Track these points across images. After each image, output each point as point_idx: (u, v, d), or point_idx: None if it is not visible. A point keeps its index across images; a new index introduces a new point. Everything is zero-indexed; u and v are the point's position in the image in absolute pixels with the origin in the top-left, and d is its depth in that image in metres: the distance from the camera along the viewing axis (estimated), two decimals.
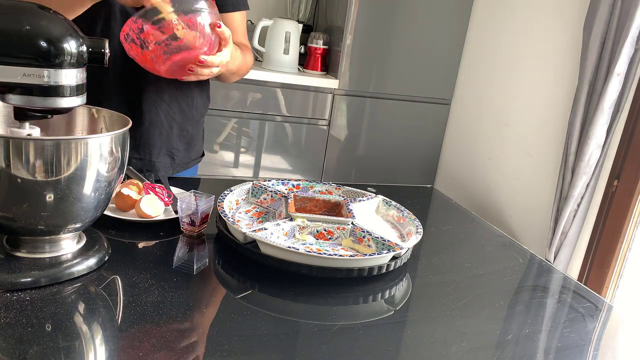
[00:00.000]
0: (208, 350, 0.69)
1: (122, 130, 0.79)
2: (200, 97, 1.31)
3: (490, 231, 1.25)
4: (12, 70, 0.70)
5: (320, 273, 0.87)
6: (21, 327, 0.66)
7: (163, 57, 0.98)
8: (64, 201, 0.74)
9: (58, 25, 0.72)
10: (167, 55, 0.98)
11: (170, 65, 1.00)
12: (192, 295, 0.81)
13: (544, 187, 2.25)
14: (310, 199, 1.09)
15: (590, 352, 0.82)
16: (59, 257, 0.80)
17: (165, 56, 0.98)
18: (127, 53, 1.01)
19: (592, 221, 2.05)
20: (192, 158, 1.36)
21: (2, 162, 0.69)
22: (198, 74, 1.02)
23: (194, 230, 0.98)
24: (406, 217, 1.08)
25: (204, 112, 1.35)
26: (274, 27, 2.59)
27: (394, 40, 2.62)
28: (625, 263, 1.98)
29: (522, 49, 2.40)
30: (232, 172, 2.65)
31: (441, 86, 2.78)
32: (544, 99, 2.27)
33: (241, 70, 1.25)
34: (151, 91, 1.21)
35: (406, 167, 2.86)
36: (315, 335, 0.76)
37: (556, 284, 1.04)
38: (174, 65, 1.00)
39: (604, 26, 1.90)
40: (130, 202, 0.99)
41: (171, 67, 1.01)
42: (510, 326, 0.85)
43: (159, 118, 1.24)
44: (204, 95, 1.33)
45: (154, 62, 1.00)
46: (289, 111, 2.60)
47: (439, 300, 0.89)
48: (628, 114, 1.93)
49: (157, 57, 0.98)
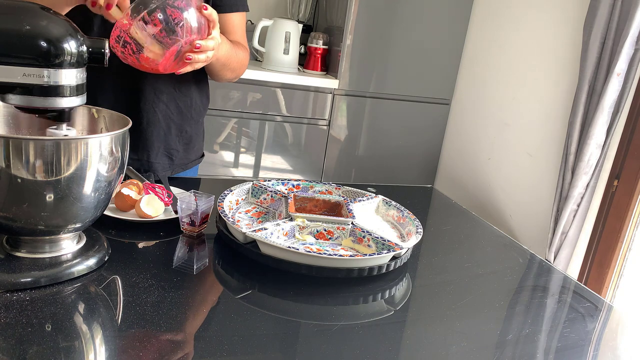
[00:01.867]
0: (208, 350, 0.69)
1: (122, 130, 0.79)
2: (199, 97, 1.31)
3: (490, 231, 1.25)
4: (12, 70, 0.70)
5: (320, 273, 0.87)
6: (21, 327, 0.66)
7: (160, 51, 0.95)
8: (64, 201, 0.74)
9: (58, 25, 0.72)
10: (164, 48, 0.95)
11: (168, 57, 0.97)
12: (192, 295, 0.81)
13: (544, 187, 2.25)
14: (310, 199, 1.09)
15: (590, 352, 0.82)
16: (59, 257, 0.80)
17: (162, 50, 0.95)
18: (122, 58, 0.97)
19: (592, 221, 2.05)
20: (192, 159, 1.36)
21: (2, 162, 0.69)
22: (194, 61, 1.00)
23: (194, 230, 0.98)
24: (406, 217, 1.08)
25: (203, 112, 1.35)
26: (274, 27, 2.59)
27: (394, 40, 2.62)
28: (625, 263, 1.98)
29: (522, 49, 2.40)
30: (232, 172, 2.65)
31: (441, 86, 2.78)
32: (544, 99, 2.27)
33: (232, 63, 1.21)
34: (149, 91, 1.21)
35: (406, 167, 2.86)
36: (315, 335, 0.76)
37: (556, 284, 1.04)
38: (171, 57, 0.98)
39: (604, 26, 1.90)
40: (130, 202, 0.99)
41: (169, 59, 0.98)
42: (510, 326, 0.85)
43: (157, 118, 1.24)
44: (203, 95, 1.33)
45: (151, 59, 0.96)
46: (289, 111, 2.60)
47: (439, 300, 0.89)
48: (628, 114, 1.93)
49: (153, 52, 0.95)
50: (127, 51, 0.95)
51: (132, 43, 0.94)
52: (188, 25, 0.95)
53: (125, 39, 0.93)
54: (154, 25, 0.92)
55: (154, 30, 0.93)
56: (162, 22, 0.93)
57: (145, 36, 0.93)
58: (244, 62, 1.28)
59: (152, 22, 0.92)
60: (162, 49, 0.95)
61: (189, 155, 1.34)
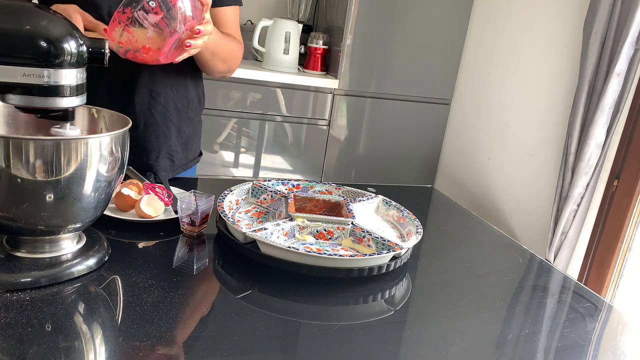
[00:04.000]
0: (208, 350, 0.69)
1: (122, 130, 0.79)
2: (195, 95, 1.30)
3: (490, 231, 1.25)
4: (12, 70, 0.70)
5: (320, 273, 0.87)
6: (21, 327, 0.66)
7: (161, 40, 0.92)
8: (64, 201, 0.74)
9: (58, 25, 0.72)
10: (166, 37, 0.92)
11: (169, 45, 0.94)
12: (192, 295, 0.81)
13: (544, 187, 2.25)
14: (310, 199, 1.09)
15: (590, 352, 0.82)
16: (59, 257, 0.80)
17: (164, 38, 0.92)
18: (121, 54, 0.95)
19: (592, 221, 2.05)
20: (190, 159, 1.36)
21: (2, 162, 0.69)
22: (193, 47, 0.97)
23: (194, 230, 0.98)
24: (406, 217, 1.08)
25: (199, 111, 1.34)
26: (274, 27, 2.59)
27: (394, 40, 2.62)
28: (625, 263, 1.98)
29: (522, 49, 2.40)
30: (232, 172, 2.65)
31: (441, 86, 2.78)
32: (544, 99, 2.27)
33: (221, 52, 1.18)
34: (144, 94, 1.20)
35: (406, 167, 2.86)
36: (315, 335, 0.76)
37: (556, 284, 1.04)
38: (173, 45, 0.95)
39: (604, 26, 1.90)
40: (130, 202, 0.99)
41: (170, 48, 0.95)
42: (510, 326, 0.85)
43: (155, 120, 1.23)
44: (199, 93, 1.32)
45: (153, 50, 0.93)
46: (289, 111, 2.60)
47: (439, 300, 0.89)
48: (628, 114, 1.93)
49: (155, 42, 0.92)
50: (128, 44, 0.92)
51: (132, 34, 0.91)
52: (187, 10, 0.92)
53: (126, 30, 0.91)
54: (155, 13, 0.89)
55: (156, 19, 0.90)
56: (163, 10, 0.89)
57: (148, 26, 0.90)
58: (237, 53, 1.25)
59: (153, 11, 0.89)
60: (163, 38, 0.93)
61: (188, 155, 1.34)
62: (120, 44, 0.93)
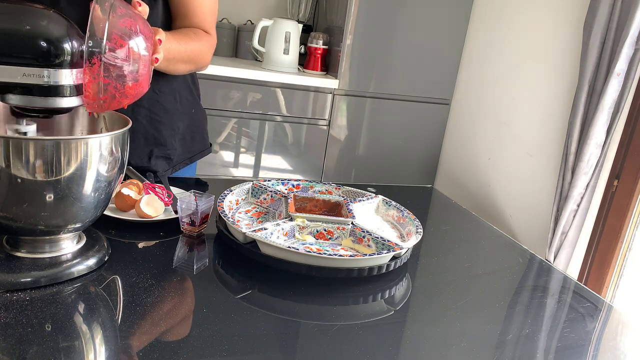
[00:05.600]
0: (208, 350, 0.69)
1: (122, 130, 0.79)
2: (184, 87, 1.25)
3: (490, 231, 1.25)
4: (12, 70, 0.70)
5: (320, 273, 0.87)
6: (21, 327, 0.66)
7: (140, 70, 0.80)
8: (64, 201, 0.74)
9: (58, 25, 0.72)
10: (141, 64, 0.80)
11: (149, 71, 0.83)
12: (192, 295, 0.81)
13: (544, 187, 2.25)
14: (310, 199, 1.09)
15: (590, 352, 0.82)
16: (59, 257, 0.80)
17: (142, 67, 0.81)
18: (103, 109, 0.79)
19: (592, 221, 2.05)
20: (197, 151, 1.32)
21: (2, 162, 0.69)
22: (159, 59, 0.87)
23: (194, 230, 0.98)
24: (406, 217, 1.08)
25: (193, 102, 1.29)
26: (274, 27, 2.59)
27: (394, 40, 2.62)
28: (625, 263, 1.98)
29: (522, 49, 2.40)
30: (232, 172, 2.65)
31: (441, 86, 2.78)
32: (544, 99, 2.27)
33: (176, 56, 1.07)
34: None
35: (406, 167, 2.86)
36: (315, 335, 0.76)
37: (556, 284, 1.04)
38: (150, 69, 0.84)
39: (604, 26, 1.90)
40: (130, 202, 0.99)
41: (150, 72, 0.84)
42: (510, 326, 0.85)
43: (142, 125, 1.19)
44: (189, 84, 1.26)
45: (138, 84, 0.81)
46: (289, 111, 2.60)
47: (439, 300, 0.89)
48: (628, 114, 1.93)
49: (134, 75, 0.79)
50: (111, 93, 0.78)
51: (112, 81, 0.77)
52: (143, 28, 0.81)
53: (103, 82, 0.76)
54: (120, 46, 0.76)
55: (125, 52, 0.77)
56: (126, 38, 0.77)
57: (121, 64, 0.77)
58: (202, 51, 1.15)
59: (118, 44, 0.76)
60: (140, 67, 0.81)
61: (191, 147, 1.31)
62: (105, 99, 0.78)
